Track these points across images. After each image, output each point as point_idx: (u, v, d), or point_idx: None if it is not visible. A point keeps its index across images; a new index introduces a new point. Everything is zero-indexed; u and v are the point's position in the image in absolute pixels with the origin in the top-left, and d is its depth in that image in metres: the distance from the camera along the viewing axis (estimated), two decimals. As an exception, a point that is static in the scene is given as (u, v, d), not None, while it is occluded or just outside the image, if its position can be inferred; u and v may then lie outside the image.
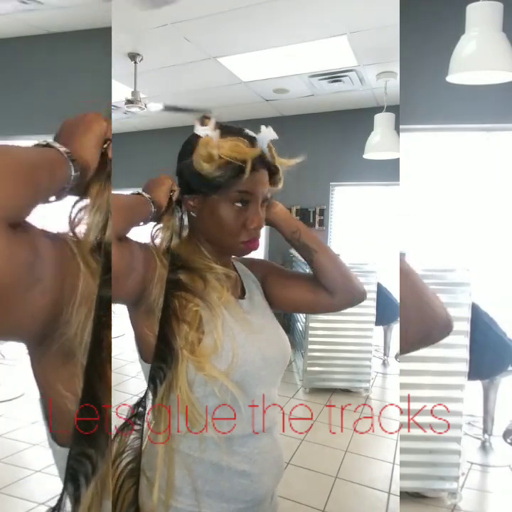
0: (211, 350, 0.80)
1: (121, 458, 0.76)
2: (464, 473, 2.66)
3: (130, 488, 0.78)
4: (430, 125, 3.94)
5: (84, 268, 0.54)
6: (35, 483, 2.46)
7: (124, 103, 4.27)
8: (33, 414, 3.12)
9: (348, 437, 3.18)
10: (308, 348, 3.95)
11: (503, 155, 4.04)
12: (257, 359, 0.87)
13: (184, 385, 0.79)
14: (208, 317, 0.83)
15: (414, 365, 2.34)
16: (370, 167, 5.20)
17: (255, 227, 0.88)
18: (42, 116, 4.38)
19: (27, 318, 0.48)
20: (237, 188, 0.86)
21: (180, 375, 0.79)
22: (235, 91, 5.04)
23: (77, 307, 0.53)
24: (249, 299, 0.97)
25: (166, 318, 0.81)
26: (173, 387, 0.79)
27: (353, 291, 1.01)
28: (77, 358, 0.53)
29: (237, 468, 0.85)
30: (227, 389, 0.81)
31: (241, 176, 0.83)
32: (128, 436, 0.77)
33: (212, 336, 0.81)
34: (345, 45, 3.89)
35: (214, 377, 0.80)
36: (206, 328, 0.82)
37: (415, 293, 0.71)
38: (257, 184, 0.87)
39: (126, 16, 3.42)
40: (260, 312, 0.97)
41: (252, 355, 0.86)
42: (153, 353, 0.80)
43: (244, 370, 0.84)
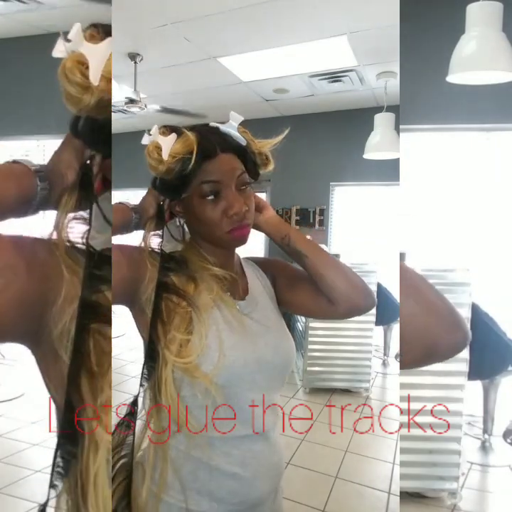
0: (195, 351, 0.80)
1: (113, 453, 0.76)
2: (464, 473, 2.66)
3: (121, 482, 0.78)
4: (430, 125, 3.94)
5: (66, 270, 0.56)
6: (35, 483, 2.46)
7: (124, 103, 4.27)
8: (33, 414, 3.13)
9: (348, 437, 3.18)
10: (308, 348, 3.96)
11: (503, 155, 4.04)
12: (251, 362, 0.86)
13: (169, 387, 0.79)
14: (196, 319, 0.83)
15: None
16: (370, 167, 5.20)
17: (235, 213, 0.85)
18: (42, 116, 4.38)
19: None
20: (200, 179, 0.84)
21: (164, 377, 0.79)
22: (235, 91, 5.04)
23: (59, 307, 0.54)
24: (252, 300, 0.95)
25: (154, 320, 0.81)
26: (160, 388, 0.79)
27: (357, 300, 0.94)
28: (64, 357, 0.54)
29: (227, 469, 0.84)
30: (210, 391, 0.80)
31: (190, 166, 0.82)
32: (125, 434, 0.77)
33: (199, 337, 0.81)
34: (345, 45, 3.89)
35: (197, 378, 0.79)
36: (194, 330, 0.82)
37: (418, 298, 0.62)
38: (219, 170, 0.85)
39: (126, 16, 3.42)
40: (263, 314, 0.95)
41: (244, 357, 0.85)
42: (144, 352, 0.80)
43: (231, 371, 0.82)
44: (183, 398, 0.82)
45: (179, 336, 0.80)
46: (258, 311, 0.95)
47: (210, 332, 0.82)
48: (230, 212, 0.85)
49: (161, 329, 0.81)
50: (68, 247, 0.57)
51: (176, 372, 0.80)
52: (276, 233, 0.98)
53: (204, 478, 0.84)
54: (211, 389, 0.79)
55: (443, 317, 0.63)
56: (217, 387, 0.80)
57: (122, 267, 0.78)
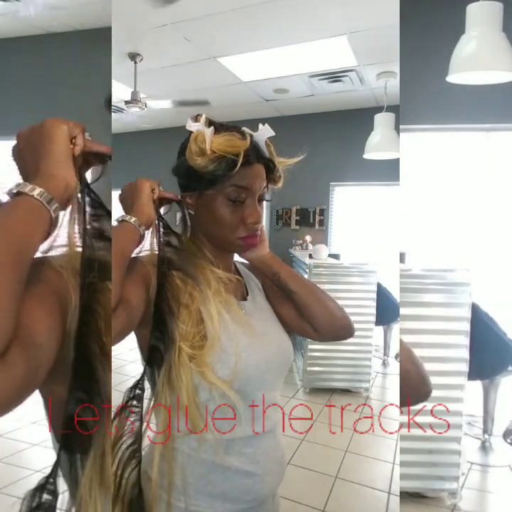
0: (212, 357, 0.80)
1: (121, 441, 0.75)
2: (464, 473, 2.66)
3: (133, 470, 0.78)
4: (430, 125, 3.94)
5: (73, 281, 0.57)
6: (35, 483, 2.46)
7: (124, 103, 4.27)
8: (33, 414, 3.12)
9: (348, 437, 3.18)
10: (308, 348, 3.95)
11: (503, 155, 4.04)
12: (261, 362, 0.87)
13: (188, 389, 0.78)
14: (208, 323, 0.82)
15: (414, 365, 2.34)
16: (370, 167, 5.20)
17: (253, 222, 0.87)
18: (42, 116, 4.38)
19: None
20: (232, 182, 0.85)
21: (181, 374, 0.78)
22: (235, 91, 5.04)
23: (70, 318, 0.55)
24: (252, 301, 0.97)
25: (169, 321, 0.79)
26: (173, 386, 0.79)
27: (338, 331, 1.00)
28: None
29: (241, 468, 0.85)
30: (227, 395, 0.80)
31: (234, 169, 0.83)
32: (126, 421, 0.77)
33: (213, 342, 0.81)
34: (345, 45, 3.89)
35: (215, 384, 0.79)
36: (208, 335, 0.82)
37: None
38: (252, 178, 0.87)
39: (126, 16, 3.42)
40: (262, 315, 0.97)
41: (256, 358, 0.86)
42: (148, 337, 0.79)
43: (247, 374, 0.83)
44: (202, 402, 0.81)
45: (194, 341, 0.80)
46: (259, 311, 0.96)
47: (222, 335, 0.82)
48: (249, 221, 0.87)
49: (176, 332, 0.80)
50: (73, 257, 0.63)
51: (194, 378, 0.79)
52: (268, 270, 0.98)
53: (216, 480, 0.84)
54: (230, 394, 0.80)
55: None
56: (235, 391, 0.81)
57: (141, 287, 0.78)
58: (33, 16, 3.88)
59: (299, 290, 0.97)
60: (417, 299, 2.38)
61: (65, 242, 0.60)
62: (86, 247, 0.59)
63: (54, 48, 4.27)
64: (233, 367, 0.81)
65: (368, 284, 3.99)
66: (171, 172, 0.91)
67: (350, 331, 1.01)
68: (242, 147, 0.83)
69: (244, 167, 0.84)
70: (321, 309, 0.97)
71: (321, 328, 0.98)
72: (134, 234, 0.79)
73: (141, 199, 0.83)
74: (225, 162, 0.83)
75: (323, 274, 3.98)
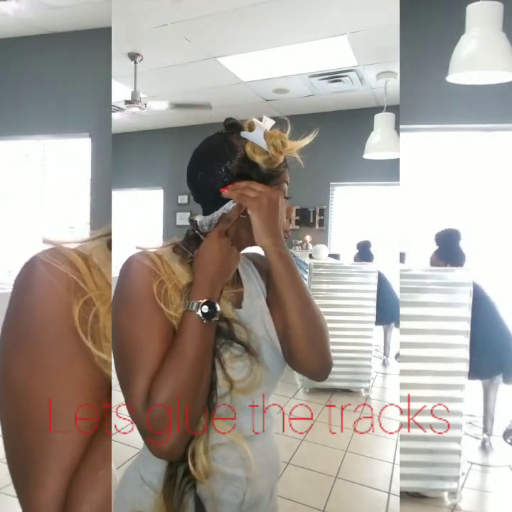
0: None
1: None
2: (464, 473, 2.66)
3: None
4: (430, 125, 3.93)
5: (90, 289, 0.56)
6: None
7: (124, 103, 4.27)
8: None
9: (348, 437, 3.18)
10: (308, 348, 3.95)
11: (503, 155, 4.04)
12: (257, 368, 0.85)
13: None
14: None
15: (414, 365, 2.34)
16: (370, 167, 5.21)
17: (290, 217, 0.93)
18: (42, 116, 4.38)
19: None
20: (285, 179, 0.90)
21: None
22: (235, 91, 5.04)
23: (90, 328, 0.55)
24: (249, 305, 0.91)
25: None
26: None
27: (319, 373, 0.95)
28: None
29: (228, 472, 0.84)
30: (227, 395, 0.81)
31: (287, 168, 0.89)
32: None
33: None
34: (345, 45, 3.89)
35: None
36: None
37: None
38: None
39: (127, 16, 3.42)
40: (260, 320, 0.91)
41: (251, 365, 0.84)
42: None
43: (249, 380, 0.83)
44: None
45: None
46: (256, 316, 0.91)
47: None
48: (289, 215, 0.93)
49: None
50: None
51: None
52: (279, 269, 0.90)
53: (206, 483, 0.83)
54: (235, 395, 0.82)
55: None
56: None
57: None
58: (33, 16, 3.88)
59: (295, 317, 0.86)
60: (417, 299, 2.38)
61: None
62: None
63: (54, 48, 4.27)
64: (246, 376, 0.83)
65: (368, 284, 4.00)
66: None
67: (327, 374, 0.95)
68: (295, 148, 0.87)
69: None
70: (312, 346, 0.89)
71: (301, 362, 0.90)
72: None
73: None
74: (285, 160, 0.88)
75: (323, 274, 3.98)
